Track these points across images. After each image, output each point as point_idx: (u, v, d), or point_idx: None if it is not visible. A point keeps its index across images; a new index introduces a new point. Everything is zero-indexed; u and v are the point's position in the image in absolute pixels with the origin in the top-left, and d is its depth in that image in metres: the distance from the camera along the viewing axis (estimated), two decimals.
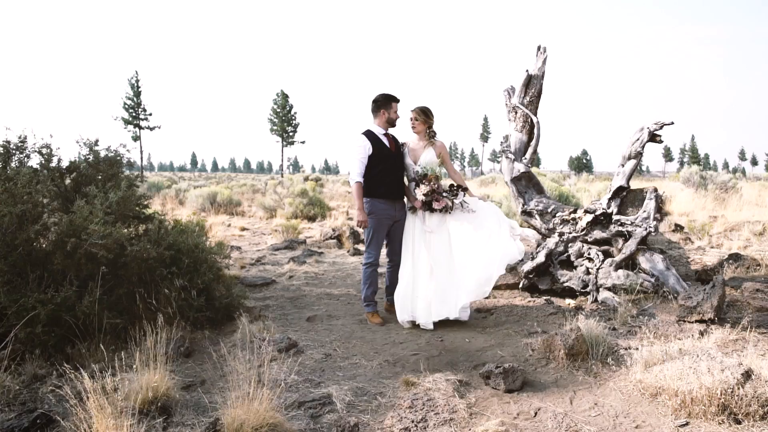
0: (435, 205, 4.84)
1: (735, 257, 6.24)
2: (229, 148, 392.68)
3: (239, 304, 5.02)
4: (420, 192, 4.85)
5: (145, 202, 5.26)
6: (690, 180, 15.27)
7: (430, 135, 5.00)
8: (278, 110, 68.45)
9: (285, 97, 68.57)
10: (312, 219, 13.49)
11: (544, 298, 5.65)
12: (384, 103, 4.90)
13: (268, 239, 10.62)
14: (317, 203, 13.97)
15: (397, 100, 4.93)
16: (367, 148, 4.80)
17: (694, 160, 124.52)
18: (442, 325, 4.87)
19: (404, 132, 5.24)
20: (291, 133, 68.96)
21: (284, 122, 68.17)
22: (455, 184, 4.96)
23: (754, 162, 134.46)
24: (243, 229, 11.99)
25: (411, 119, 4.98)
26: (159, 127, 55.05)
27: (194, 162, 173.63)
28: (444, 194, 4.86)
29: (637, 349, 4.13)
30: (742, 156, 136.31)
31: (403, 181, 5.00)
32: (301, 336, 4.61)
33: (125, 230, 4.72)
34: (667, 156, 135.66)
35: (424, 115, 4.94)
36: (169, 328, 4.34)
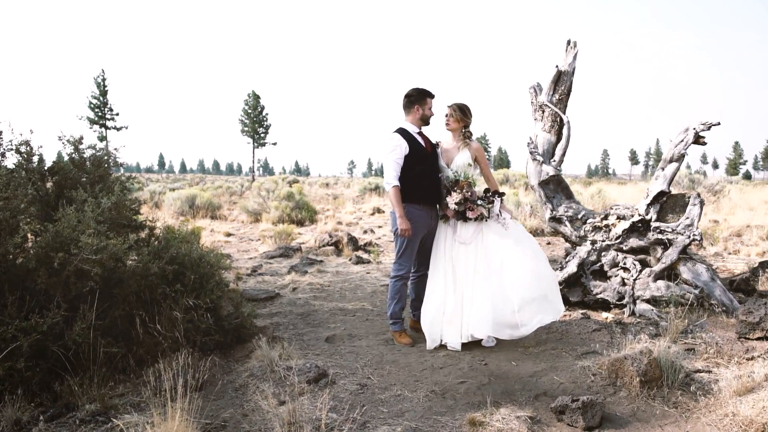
0: (469, 215, 4.34)
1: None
2: (197, 150, 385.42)
3: (251, 324, 4.43)
4: (451, 201, 4.34)
5: (138, 208, 4.64)
6: (679, 183, 15.22)
7: (465, 135, 4.51)
8: (249, 111, 67.19)
9: (256, 98, 67.34)
10: (300, 223, 12.84)
11: (580, 311, 5.22)
12: (418, 99, 4.38)
13: (257, 245, 9.96)
14: (304, 207, 13.32)
15: (432, 96, 4.43)
16: (403, 147, 4.27)
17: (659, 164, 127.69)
18: (478, 345, 4.38)
19: (430, 131, 4.71)
20: (262, 135, 67.76)
21: (255, 123, 66.95)
22: (491, 190, 4.48)
23: (716, 165, 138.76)
24: (228, 234, 11.28)
25: (446, 115, 4.49)
26: (126, 128, 53.38)
27: (162, 163, 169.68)
28: (479, 202, 4.36)
29: (709, 372, 3.72)
30: (704, 159, 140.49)
31: (440, 185, 4.49)
32: (325, 361, 4.04)
33: (115, 241, 4.07)
34: (633, 159, 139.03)
35: (460, 112, 4.45)
36: (175, 356, 3.74)
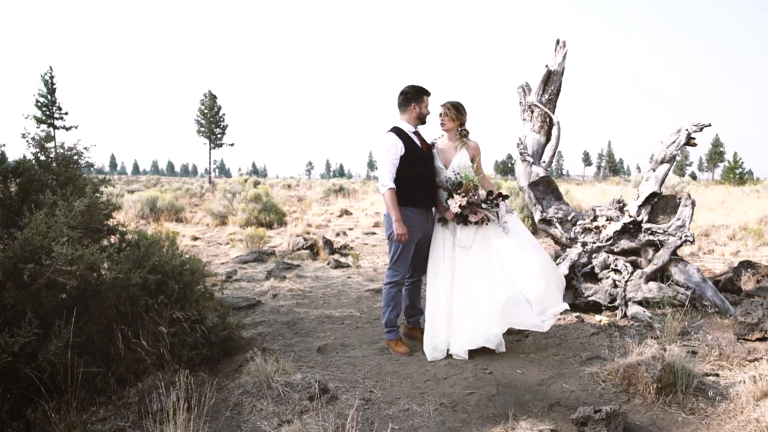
0: (472, 218, 4.17)
1: (749, 265, 6.01)
2: (150, 150, 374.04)
3: (239, 336, 4.13)
4: (455, 204, 4.15)
5: (111, 211, 4.27)
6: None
7: (462, 134, 4.34)
8: (206, 111, 65.41)
9: (213, 97, 65.64)
10: (269, 226, 12.44)
11: (574, 315, 5.14)
12: (415, 96, 4.18)
13: (227, 250, 9.56)
14: (272, 209, 12.93)
15: (428, 93, 4.24)
16: (399, 147, 4.07)
17: (611, 165, 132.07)
18: (478, 353, 4.21)
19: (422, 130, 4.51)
20: (219, 135, 66.11)
21: (212, 124, 65.22)
22: (494, 193, 4.31)
23: None
24: (195, 238, 10.80)
25: (440, 114, 4.32)
26: (76, 127, 51.10)
27: (113, 164, 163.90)
28: (483, 206, 4.20)
29: (717, 375, 3.68)
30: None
31: (436, 187, 4.31)
32: (323, 374, 3.79)
33: (91, 249, 3.71)
34: (586, 161, 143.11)
35: (455, 111, 4.28)
36: (158, 374, 3.43)
